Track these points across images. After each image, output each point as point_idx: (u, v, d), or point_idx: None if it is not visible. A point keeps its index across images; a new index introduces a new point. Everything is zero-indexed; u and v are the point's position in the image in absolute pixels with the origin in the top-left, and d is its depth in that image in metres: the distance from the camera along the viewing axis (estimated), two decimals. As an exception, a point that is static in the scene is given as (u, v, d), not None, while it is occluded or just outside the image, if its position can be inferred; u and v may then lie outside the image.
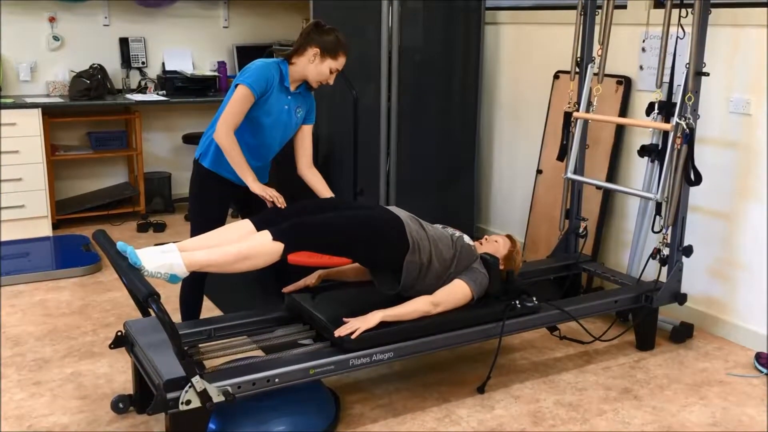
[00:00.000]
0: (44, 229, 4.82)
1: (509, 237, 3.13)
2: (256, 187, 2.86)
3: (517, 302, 2.96)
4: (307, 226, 2.65)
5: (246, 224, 2.70)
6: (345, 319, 2.65)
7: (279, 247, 2.54)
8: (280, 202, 2.83)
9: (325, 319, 2.72)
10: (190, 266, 2.46)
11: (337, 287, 3.06)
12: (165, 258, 2.43)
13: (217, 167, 2.98)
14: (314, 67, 2.91)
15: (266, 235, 2.55)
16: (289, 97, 2.97)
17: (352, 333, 2.58)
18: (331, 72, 2.93)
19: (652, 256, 3.34)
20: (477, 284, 2.86)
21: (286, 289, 2.98)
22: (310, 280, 3.01)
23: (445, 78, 4.72)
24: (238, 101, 2.84)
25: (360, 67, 4.68)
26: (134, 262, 2.37)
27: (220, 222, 2.97)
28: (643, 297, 3.32)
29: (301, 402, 2.62)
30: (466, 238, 2.97)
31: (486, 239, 3.11)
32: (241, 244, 2.54)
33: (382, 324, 2.64)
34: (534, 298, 3.01)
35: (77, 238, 4.77)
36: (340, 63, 2.93)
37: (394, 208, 2.85)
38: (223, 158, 2.95)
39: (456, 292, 2.82)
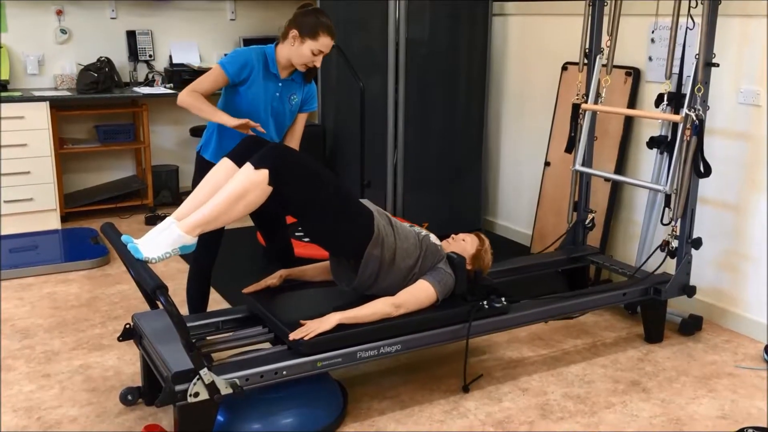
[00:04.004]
0: (52, 222, 4.84)
1: (478, 235, 3.02)
2: (231, 121, 2.77)
3: (485, 303, 2.85)
4: (286, 149, 2.59)
5: (226, 163, 2.62)
6: (301, 322, 2.55)
7: (263, 174, 2.44)
8: (260, 129, 2.77)
9: (281, 321, 2.61)
10: (191, 232, 2.44)
11: (299, 287, 2.94)
12: (166, 236, 2.41)
13: (218, 159, 2.96)
14: (295, 49, 2.85)
15: (247, 167, 2.48)
16: (280, 84, 2.93)
17: (306, 335, 2.49)
18: (314, 54, 2.84)
19: (661, 247, 3.32)
20: (441, 285, 2.76)
21: (246, 290, 2.88)
22: (272, 280, 2.90)
23: (452, 70, 4.70)
24: (208, 75, 2.89)
25: (366, 59, 4.67)
26: (138, 257, 2.36)
27: None
28: (652, 289, 3.31)
29: (308, 394, 2.62)
30: (433, 237, 2.88)
31: (453, 238, 3.01)
32: (226, 188, 2.47)
33: (341, 326, 2.54)
34: (503, 299, 2.88)
35: (85, 231, 4.78)
36: (322, 44, 2.84)
37: (366, 202, 2.77)
38: (223, 150, 2.93)
39: (419, 293, 2.72)
